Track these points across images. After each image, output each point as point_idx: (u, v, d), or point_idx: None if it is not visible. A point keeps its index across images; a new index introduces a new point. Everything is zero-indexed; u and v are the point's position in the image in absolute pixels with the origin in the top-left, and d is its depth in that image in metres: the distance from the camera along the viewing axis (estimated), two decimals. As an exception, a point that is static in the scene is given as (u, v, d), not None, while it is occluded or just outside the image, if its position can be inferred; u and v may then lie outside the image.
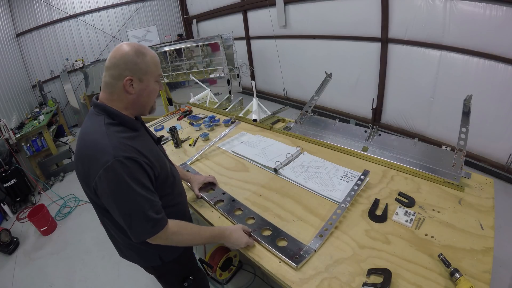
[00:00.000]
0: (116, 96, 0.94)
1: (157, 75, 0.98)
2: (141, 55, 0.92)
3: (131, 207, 0.86)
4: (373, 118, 4.25)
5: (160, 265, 1.14)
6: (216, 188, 1.47)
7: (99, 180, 0.84)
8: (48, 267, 2.60)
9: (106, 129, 0.89)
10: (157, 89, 1.00)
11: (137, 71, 0.92)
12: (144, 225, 0.89)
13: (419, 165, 1.44)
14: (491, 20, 2.71)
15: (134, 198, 0.86)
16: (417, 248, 0.99)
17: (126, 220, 0.88)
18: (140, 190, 0.87)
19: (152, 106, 1.04)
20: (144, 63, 0.93)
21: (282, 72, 5.62)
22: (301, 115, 2.00)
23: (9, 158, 3.81)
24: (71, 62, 6.32)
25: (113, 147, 0.85)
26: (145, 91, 0.96)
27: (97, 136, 0.88)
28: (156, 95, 1.03)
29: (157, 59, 0.98)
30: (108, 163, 0.82)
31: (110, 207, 0.90)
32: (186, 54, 5.30)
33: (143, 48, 0.95)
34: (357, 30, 4.04)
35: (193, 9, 7.50)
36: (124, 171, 0.84)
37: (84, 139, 0.92)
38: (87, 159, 0.88)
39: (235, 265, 2.06)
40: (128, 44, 0.93)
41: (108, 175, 0.83)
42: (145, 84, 0.95)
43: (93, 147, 0.87)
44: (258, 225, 1.18)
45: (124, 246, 1.12)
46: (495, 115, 2.92)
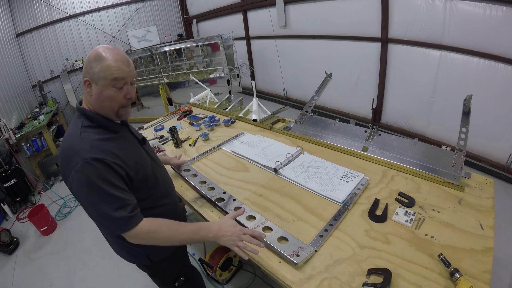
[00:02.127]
0: (86, 97, 0.99)
1: (113, 80, 0.93)
2: (99, 59, 0.92)
3: (100, 206, 0.89)
4: (373, 118, 4.25)
5: (150, 264, 1.17)
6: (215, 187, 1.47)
7: (71, 181, 0.89)
8: (48, 267, 2.60)
9: (80, 132, 0.93)
10: (115, 96, 0.95)
11: (93, 74, 0.93)
12: (114, 223, 0.91)
13: (419, 165, 1.44)
14: (491, 20, 2.71)
15: (102, 197, 0.88)
16: (417, 248, 0.99)
17: (96, 218, 0.94)
18: (108, 189, 0.89)
19: (117, 112, 0.99)
20: (99, 66, 0.92)
21: (282, 72, 5.62)
22: (301, 115, 2.00)
23: (9, 158, 3.81)
24: (71, 62, 6.33)
25: (83, 149, 0.89)
26: (101, 95, 0.94)
27: (72, 140, 0.93)
28: (117, 102, 0.97)
29: (117, 64, 0.92)
30: (77, 164, 0.86)
31: (83, 207, 0.94)
32: (186, 54, 5.30)
33: (107, 52, 0.93)
34: (357, 30, 4.04)
35: (193, 9, 7.50)
36: (92, 172, 0.87)
37: (63, 143, 0.97)
38: (64, 162, 0.93)
39: (235, 265, 2.06)
40: (98, 47, 0.95)
41: (78, 176, 0.87)
42: (100, 88, 0.94)
43: (67, 150, 0.92)
44: (258, 225, 1.18)
45: (115, 245, 1.15)
46: (495, 115, 2.92)
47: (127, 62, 0.97)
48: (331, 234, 1.10)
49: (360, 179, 1.38)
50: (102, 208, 0.89)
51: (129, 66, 0.97)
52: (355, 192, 1.30)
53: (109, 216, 0.89)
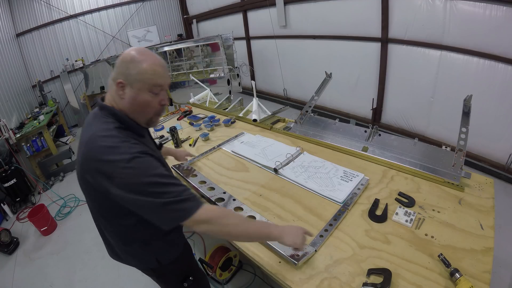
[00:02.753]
0: (114, 98, 0.94)
1: (151, 85, 0.90)
2: (137, 61, 0.88)
3: (162, 195, 0.83)
4: (373, 118, 4.25)
5: (157, 267, 1.14)
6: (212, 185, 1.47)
7: (120, 178, 0.82)
8: (48, 267, 2.59)
9: (117, 132, 0.88)
10: (151, 100, 0.92)
11: (128, 76, 0.88)
12: (181, 208, 0.84)
13: (419, 165, 1.44)
14: (491, 20, 2.71)
15: (162, 186, 0.84)
16: (417, 248, 0.99)
17: (156, 210, 0.84)
18: (166, 176, 0.86)
19: (151, 118, 0.97)
20: (137, 69, 0.88)
21: (282, 72, 5.62)
22: (301, 115, 2.00)
23: (9, 158, 3.81)
24: (71, 62, 6.32)
25: (127, 146, 0.85)
26: (135, 99, 0.90)
27: (111, 141, 0.86)
28: (152, 108, 0.94)
29: (155, 69, 0.90)
30: (124, 160, 0.82)
31: (134, 203, 0.85)
32: (186, 54, 5.30)
33: (145, 55, 0.90)
34: (357, 30, 4.04)
35: (193, 9, 7.50)
36: (146, 164, 0.85)
37: (94, 143, 0.86)
38: (100, 163, 0.84)
39: (235, 265, 2.06)
40: (134, 49, 0.92)
41: (129, 171, 0.82)
42: (135, 92, 0.90)
43: (106, 150, 0.84)
44: None
45: (119, 249, 1.11)
46: (495, 115, 2.92)
47: (165, 67, 0.94)
48: (331, 234, 1.10)
49: (360, 179, 1.38)
50: (162, 196, 0.82)
51: (167, 71, 0.94)
52: (355, 192, 1.30)
53: (174, 202, 0.83)
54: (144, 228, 0.99)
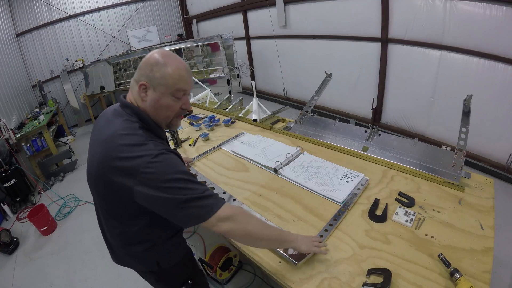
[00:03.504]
0: (136, 99, 0.94)
1: (174, 90, 0.90)
2: (162, 64, 0.88)
3: (186, 191, 0.82)
4: (373, 118, 4.25)
5: (157, 269, 1.12)
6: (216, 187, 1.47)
7: (143, 173, 0.80)
8: (48, 267, 2.59)
9: (143, 132, 0.88)
10: (173, 105, 0.92)
11: (152, 79, 0.88)
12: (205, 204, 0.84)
13: (419, 165, 1.44)
14: (491, 20, 2.71)
15: (186, 182, 0.83)
16: (417, 248, 0.99)
17: (181, 206, 0.82)
18: (189, 174, 0.86)
19: (171, 121, 0.97)
20: (161, 72, 0.87)
21: (282, 72, 5.62)
22: (301, 115, 2.00)
23: (9, 158, 3.81)
24: (71, 62, 6.32)
25: (152, 144, 0.85)
26: (157, 102, 0.90)
27: (136, 139, 0.85)
28: (173, 112, 0.94)
29: (180, 73, 0.89)
30: (150, 156, 0.81)
31: (155, 201, 0.83)
32: (186, 54, 5.31)
33: (170, 59, 0.89)
34: (357, 30, 4.04)
35: (193, 9, 7.51)
36: (171, 160, 0.85)
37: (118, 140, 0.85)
38: (124, 159, 0.82)
39: (235, 265, 2.06)
40: (159, 51, 0.91)
41: (155, 166, 0.81)
42: (157, 95, 0.90)
43: (131, 148, 0.83)
44: None
45: (120, 251, 1.10)
46: (495, 115, 2.92)
47: (189, 72, 0.93)
48: (331, 234, 1.10)
49: (360, 179, 1.38)
50: (186, 193, 0.81)
51: (191, 76, 0.94)
52: (355, 192, 1.30)
53: (195, 198, 0.82)
54: (152, 230, 0.99)
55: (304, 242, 0.98)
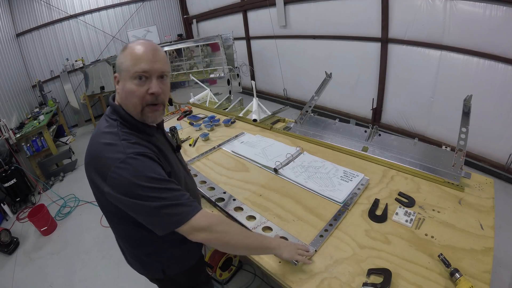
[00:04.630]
0: (117, 95, 0.91)
1: (133, 72, 0.81)
2: (123, 50, 0.83)
3: (153, 198, 0.78)
4: (373, 118, 4.25)
5: (163, 278, 1.08)
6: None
7: (113, 179, 0.78)
8: (48, 267, 2.59)
9: (118, 130, 0.85)
10: (136, 89, 0.83)
11: (118, 67, 0.84)
12: (174, 213, 0.80)
13: (419, 165, 1.44)
14: (491, 20, 2.71)
15: (154, 189, 0.79)
16: (417, 248, 0.99)
17: (149, 214, 0.80)
18: (158, 180, 0.80)
19: (142, 111, 0.86)
20: (120, 57, 0.82)
21: (282, 72, 5.62)
22: (301, 115, 2.00)
23: (9, 158, 3.81)
24: (71, 62, 6.32)
25: (124, 146, 0.81)
26: (123, 90, 0.84)
27: (110, 137, 0.83)
28: (138, 98, 0.84)
29: (138, 53, 0.81)
30: (119, 160, 0.78)
31: (129, 206, 0.81)
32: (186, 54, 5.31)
33: (132, 43, 0.84)
34: (357, 30, 4.04)
35: (193, 9, 7.50)
36: (139, 165, 0.79)
37: (95, 140, 0.86)
38: (97, 161, 0.82)
39: (235, 265, 2.06)
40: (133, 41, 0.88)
41: (121, 172, 0.77)
42: (122, 83, 0.84)
43: (103, 147, 0.81)
44: (258, 225, 1.18)
45: (129, 255, 1.08)
46: (495, 115, 2.92)
47: (153, 52, 0.84)
48: (331, 234, 1.10)
49: (360, 179, 1.38)
50: (156, 200, 0.78)
51: (155, 57, 0.84)
52: (355, 192, 1.30)
53: (168, 206, 0.79)
54: (154, 236, 0.89)
55: (287, 249, 0.95)
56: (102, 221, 3.02)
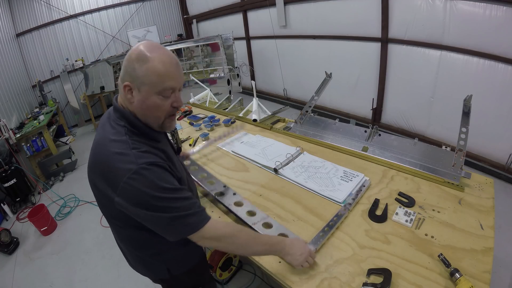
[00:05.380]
0: (124, 101, 0.86)
1: (161, 89, 0.80)
2: (142, 61, 0.78)
3: (166, 209, 0.79)
4: (373, 118, 4.25)
5: (168, 278, 1.09)
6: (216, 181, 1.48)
7: (125, 190, 0.77)
8: (48, 267, 2.59)
9: (127, 138, 0.82)
10: (162, 104, 0.83)
11: (135, 78, 0.79)
12: (186, 223, 0.81)
13: (419, 165, 1.44)
14: (491, 20, 2.71)
15: (166, 200, 0.79)
16: (417, 248, 0.99)
17: (161, 224, 0.81)
18: (171, 190, 0.80)
19: (163, 122, 0.87)
20: (143, 70, 0.78)
21: (282, 72, 5.62)
22: (301, 115, 2.00)
23: (9, 158, 3.81)
24: (71, 62, 6.33)
25: (135, 155, 0.79)
26: (144, 103, 0.82)
27: (119, 146, 0.81)
28: (163, 112, 0.85)
29: (162, 68, 0.79)
30: (130, 171, 0.76)
31: (141, 216, 0.81)
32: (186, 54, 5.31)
33: (153, 52, 0.79)
34: (357, 30, 4.04)
35: (193, 9, 7.51)
36: (151, 176, 0.78)
37: (104, 148, 0.83)
38: (107, 169, 0.81)
39: (235, 265, 2.06)
40: (142, 44, 0.82)
41: (134, 183, 0.76)
42: (143, 96, 0.81)
43: (114, 156, 0.80)
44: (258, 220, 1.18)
45: (132, 257, 1.08)
46: (495, 115, 2.92)
47: (177, 65, 0.82)
48: (331, 234, 1.10)
49: (360, 179, 1.38)
50: (168, 210, 0.79)
51: (179, 70, 0.83)
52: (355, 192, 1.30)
53: (177, 217, 0.80)
54: (157, 238, 0.90)
55: (296, 257, 0.94)
56: (102, 221, 3.02)
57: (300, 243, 0.98)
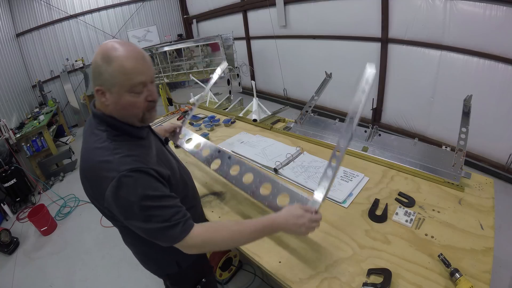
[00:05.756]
0: (101, 105, 0.86)
1: (129, 86, 0.79)
2: (107, 62, 0.77)
3: (147, 219, 0.79)
4: (373, 118, 4.25)
5: (177, 272, 1.10)
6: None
7: (109, 199, 0.78)
8: (48, 267, 2.60)
9: (109, 144, 0.82)
10: (136, 101, 0.82)
11: (104, 81, 0.78)
12: (165, 233, 0.81)
13: (419, 165, 1.44)
14: (491, 20, 2.71)
15: (147, 210, 0.79)
16: (417, 248, 0.99)
17: (145, 232, 0.82)
18: (152, 200, 0.80)
19: (142, 117, 0.87)
20: (109, 72, 0.77)
21: (282, 72, 5.62)
22: (301, 115, 2.00)
23: (9, 158, 3.81)
24: (71, 62, 6.32)
25: (116, 162, 0.78)
26: (118, 104, 0.81)
27: (102, 153, 0.81)
28: (139, 108, 0.84)
29: (127, 66, 0.77)
30: (113, 180, 0.77)
31: (128, 223, 0.83)
32: (186, 54, 5.30)
33: (114, 51, 0.77)
34: (357, 30, 4.04)
35: (193, 9, 7.51)
36: (132, 184, 0.78)
37: (86, 158, 0.84)
38: (93, 181, 0.83)
39: (235, 265, 2.06)
40: (105, 45, 0.80)
41: (116, 192, 0.77)
42: (115, 97, 0.80)
43: (97, 166, 0.80)
44: (256, 185, 1.14)
45: (142, 255, 1.09)
46: (495, 115, 2.92)
47: (142, 59, 0.81)
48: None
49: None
50: (150, 219, 0.79)
51: (146, 63, 0.82)
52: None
53: (158, 229, 0.79)
54: None
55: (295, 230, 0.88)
56: (102, 221, 3.02)
57: (295, 215, 0.88)
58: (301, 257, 1.03)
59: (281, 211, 0.91)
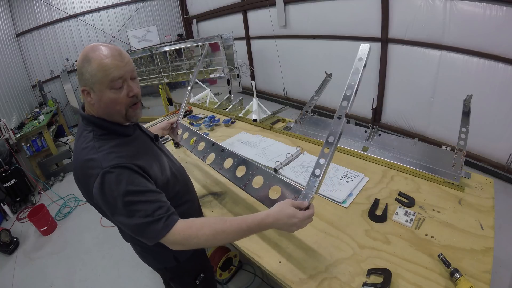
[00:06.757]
0: (88, 106, 0.90)
1: (108, 82, 0.82)
2: (87, 62, 0.81)
3: (129, 215, 0.80)
4: (373, 118, 4.25)
5: (175, 266, 1.12)
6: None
7: (95, 196, 0.81)
8: (48, 267, 2.60)
9: (94, 142, 0.85)
10: (116, 97, 0.85)
11: (87, 81, 0.82)
12: (148, 230, 0.81)
13: (419, 165, 1.44)
14: (491, 20, 2.71)
15: (128, 206, 0.80)
16: (417, 248, 0.99)
17: (128, 229, 0.84)
18: (133, 195, 0.81)
19: (125, 114, 0.89)
20: (89, 72, 0.81)
21: (282, 72, 5.62)
22: (301, 115, 2.00)
23: (9, 158, 3.81)
24: (71, 62, 6.33)
25: (100, 159, 0.81)
26: (101, 101, 0.85)
27: (86, 152, 0.84)
28: (121, 104, 0.86)
29: (104, 63, 0.81)
30: (97, 176, 0.79)
31: (114, 220, 0.85)
32: (186, 54, 5.30)
33: (92, 51, 0.82)
34: (357, 30, 4.04)
35: (193, 9, 7.51)
36: (114, 180, 0.80)
37: (76, 158, 0.88)
38: (82, 179, 0.86)
39: (235, 265, 2.06)
40: (85, 49, 0.84)
41: (100, 188, 0.80)
42: (98, 95, 0.84)
43: (84, 164, 0.84)
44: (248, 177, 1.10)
45: (141, 249, 1.11)
46: (495, 115, 2.92)
47: (120, 56, 0.84)
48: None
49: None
50: (131, 214, 0.80)
51: (123, 60, 0.85)
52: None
53: (140, 224, 0.80)
54: None
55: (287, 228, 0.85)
56: (102, 221, 3.02)
57: (286, 214, 0.83)
58: (301, 257, 1.03)
59: (271, 208, 0.87)
